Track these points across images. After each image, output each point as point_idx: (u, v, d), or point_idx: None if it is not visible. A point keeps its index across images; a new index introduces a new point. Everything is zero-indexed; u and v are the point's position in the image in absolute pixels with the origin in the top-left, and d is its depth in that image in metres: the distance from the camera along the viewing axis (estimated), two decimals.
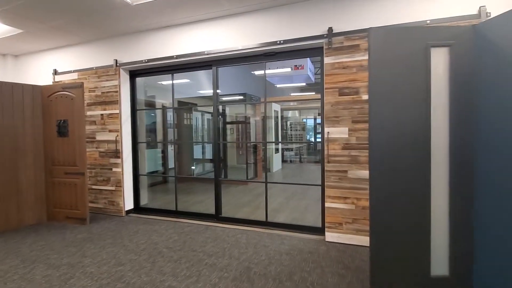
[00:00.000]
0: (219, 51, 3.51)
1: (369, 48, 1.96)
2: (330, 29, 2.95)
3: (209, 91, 7.73)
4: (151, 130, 6.66)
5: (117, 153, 4.14)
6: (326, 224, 3.08)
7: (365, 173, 2.89)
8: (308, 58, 10.40)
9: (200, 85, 8.71)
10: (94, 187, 4.36)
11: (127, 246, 3.08)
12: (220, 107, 7.83)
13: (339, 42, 2.94)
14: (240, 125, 9.33)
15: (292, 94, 12.98)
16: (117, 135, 4.13)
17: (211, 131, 3.73)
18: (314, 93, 10.39)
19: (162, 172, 7.13)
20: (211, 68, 3.76)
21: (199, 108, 8.28)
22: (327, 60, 2.99)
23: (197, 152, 7.98)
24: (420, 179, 1.94)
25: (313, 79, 11.40)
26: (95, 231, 3.61)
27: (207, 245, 3.04)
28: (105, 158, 4.24)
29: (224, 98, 7.28)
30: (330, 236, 3.05)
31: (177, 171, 7.36)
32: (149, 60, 3.91)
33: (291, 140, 11.91)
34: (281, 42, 3.18)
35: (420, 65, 1.94)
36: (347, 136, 2.94)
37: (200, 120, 8.65)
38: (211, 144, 8.35)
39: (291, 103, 13.28)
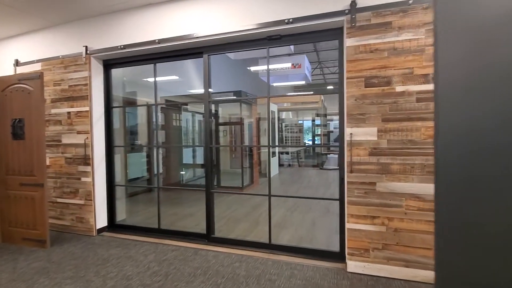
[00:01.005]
0: (211, 34, 2.84)
1: (435, 10, 1.33)
2: (353, 3, 2.32)
3: (200, 90, 7.06)
4: (134, 131, 5.92)
5: (86, 160, 3.41)
6: (347, 250, 2.43)
7: (399, 186, 2.26)
8: (305, 56, 9.86)
9: (191, 83, 8.01)
10: (59, 200, 3.61)
11: (91, 283, 2.36)
12: (213, 107, 7.15)
13: (365, 20, 2.31)
14: (233, 127, 8.66)
15: (288, 94, 12.38)
16: (87, 138, 3.40)
17: (203, 134, 3.05)
18: (312, 92, 9.83)
19: (147, 179, 6.38)
20: (201, 56, 3.09)
21: (189, 108, 7.58)
22: (349, 42, 2.36)
23: (187, 156, 7.26)
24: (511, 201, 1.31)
25: (310, 78, 10.86)
26: (55, 258, 2.87)
27: (196, 280, 2.35)
28: (73, 166, 3.50)
29: (217, 98, 6.60)
30: (354, 265, 2.40)
31: (164, 177, 6.63)
32: (125, 46, 3.21)
33: (287, 143, 11.30)
34: (290, 21, 2.53)
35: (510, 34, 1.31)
36: (375, 138, 2.31)
37: (190, 121, 7.94)
38: (202, 148, 7.66)
39: (285, 104, 12.69)
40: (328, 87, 19.75)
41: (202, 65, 3.09)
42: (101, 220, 3.55)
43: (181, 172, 6.82)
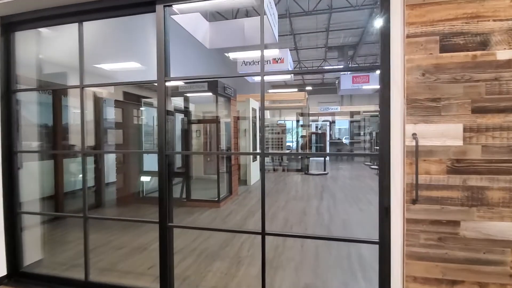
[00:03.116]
0: None
1: None
2: None
3: (174, 84, 5.76)
4: (69, 130, 4.55)
5: None
6: None
7: (503, 228, 1.27)
8: (287, 50, 8.94)
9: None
10: None
11: None
12: (182, 103, 5.93)
13: None
14: (208, 126, 7.48)
15: (270, 91, 11.40)
16: None
17: (164, 134, 1.87)
18: (296, 90, 8.93)
19: (95, 190, 5.03)
20: (153, 10, 1.94)
21: (154, 103, 6.28)
22: None
23: (151, 162, 5.95)
24: None
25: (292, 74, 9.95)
26: None
27: None
28: None
29: (190, 94, 5.41)
30: None
31: (119, 188, 5.30)
32: None
33: (267, 145, 10.25)
34: None
35: None
36: (460, 143, 1.30)
37: (155, 119, 6.62)
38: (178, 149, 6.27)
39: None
40: (307, 88, 19.10)
41: (156, 25, 1.93)
42: None
43: (143, 179, 5.50)
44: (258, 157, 7.55)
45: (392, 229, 1.50)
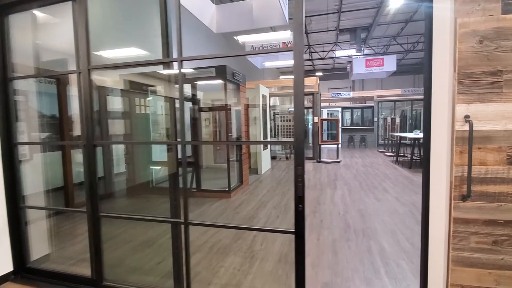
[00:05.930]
0: None
1: None
2: None
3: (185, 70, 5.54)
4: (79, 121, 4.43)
5: None
6: None
7: None
8: None
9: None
10: None
11: None
12: (189, 89, 5.74)
13: None
14: (217, 114, 7.30)
15: (280, 77, 11.06)
16: None
17: (91, 124, 1.73)
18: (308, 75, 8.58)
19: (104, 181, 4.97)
20: None
21: (161, 92, 6.11)
22: None
23: (160, 151, 5.85)
24: None
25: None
26: None
27: None
28: None
29: (200, 82, 5.21)
30: None
31: (128, 178, 5.23)
32: None
33: (278, 133, 10.01)
34: None
35: None
36: None
37: (163, 108, 6.48)
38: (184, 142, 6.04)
39: (272, 89, 11.33)
40: (317, 74, 18.52)
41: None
42: (1, 264, 2.18)
43: (153, 167, 5.41)
44: (268, 145, 7.35)
45: (431, 230, 1.29)
